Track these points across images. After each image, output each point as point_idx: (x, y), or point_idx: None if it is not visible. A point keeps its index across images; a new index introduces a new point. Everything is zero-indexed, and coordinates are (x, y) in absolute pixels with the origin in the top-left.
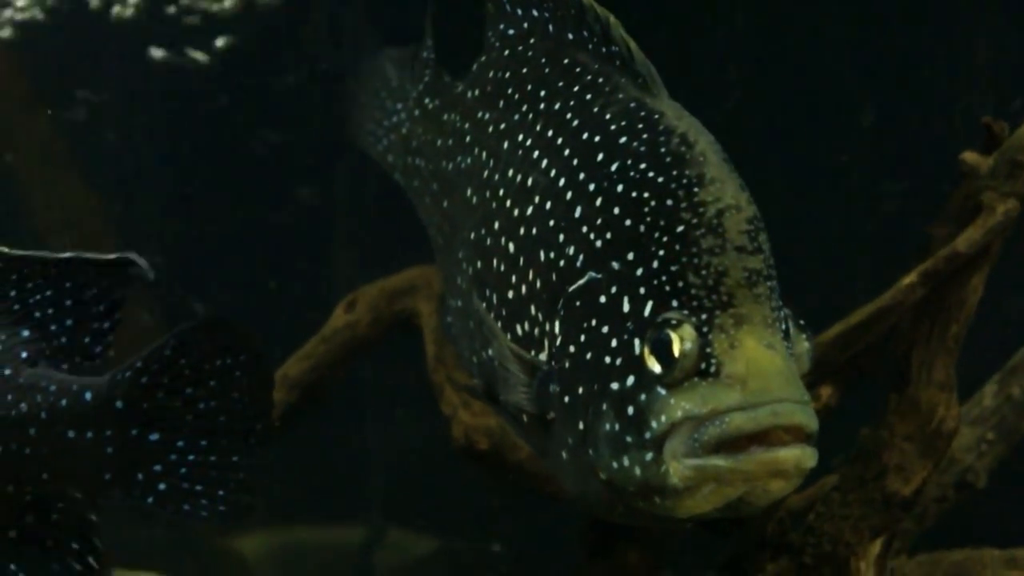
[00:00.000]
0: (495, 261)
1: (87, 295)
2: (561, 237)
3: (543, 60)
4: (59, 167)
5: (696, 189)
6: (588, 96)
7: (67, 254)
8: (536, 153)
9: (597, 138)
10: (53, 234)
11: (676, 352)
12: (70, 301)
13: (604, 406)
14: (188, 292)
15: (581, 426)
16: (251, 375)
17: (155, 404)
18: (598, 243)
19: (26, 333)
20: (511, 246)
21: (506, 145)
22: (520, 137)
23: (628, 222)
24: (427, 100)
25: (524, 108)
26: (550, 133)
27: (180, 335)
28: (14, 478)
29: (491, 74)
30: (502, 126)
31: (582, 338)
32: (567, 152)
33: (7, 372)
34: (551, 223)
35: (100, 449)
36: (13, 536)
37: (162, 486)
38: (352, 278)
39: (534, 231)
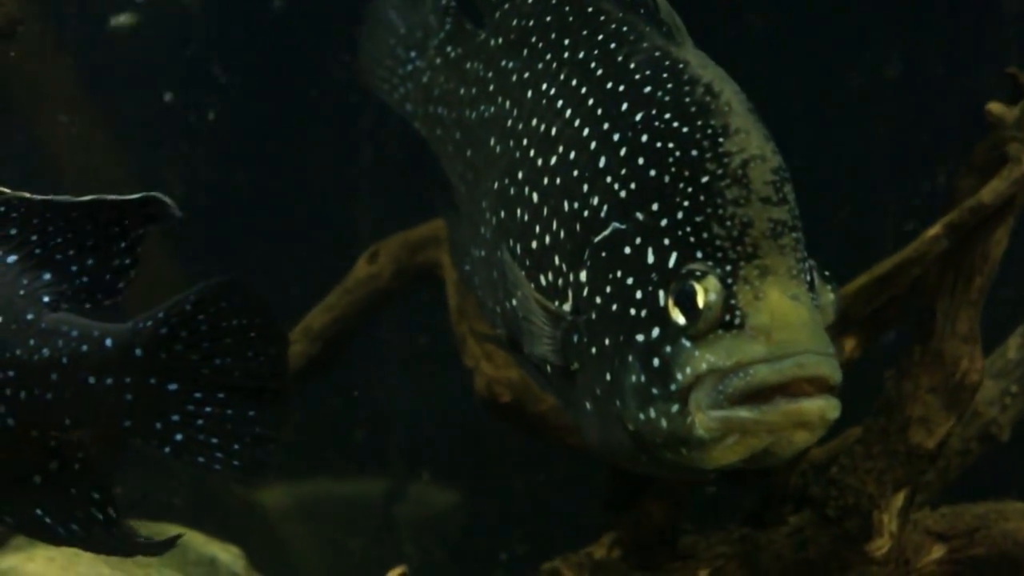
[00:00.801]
0: (519, 211)
1: (109, 235)
2: (585, 187)
3: (567, 8)
4: (81, 114)
5: (721, 139)
6: (612, 45)
7: (88, 197)
8: (560, 102)
9: (621, 87)
10: (75, 181)
11: (700, 304)
12: (91, 242)
13: (629, 357)
14: (210, 241)
15: (607, 377)
16: (265, 336)
17: (173, 355)
18: (622, 193)
19: (48, 277)
20: (535, 196)
21: (530, 94)
22: (544, 86)
23: (652, 172)
24: (449, 48)
25: (548, 57)
26: (574, 82)
27: (200, 291)
28: (38, 423)
29: (515, 22)
30: (526, 75)
31: (607, 289)
32: (591, 101)
33: (30, 317)
34: (575, 173)
35: (119, 396)
36: (38, 482)
37: (179, 436)
38: (375, 229)
39: (558, 181)
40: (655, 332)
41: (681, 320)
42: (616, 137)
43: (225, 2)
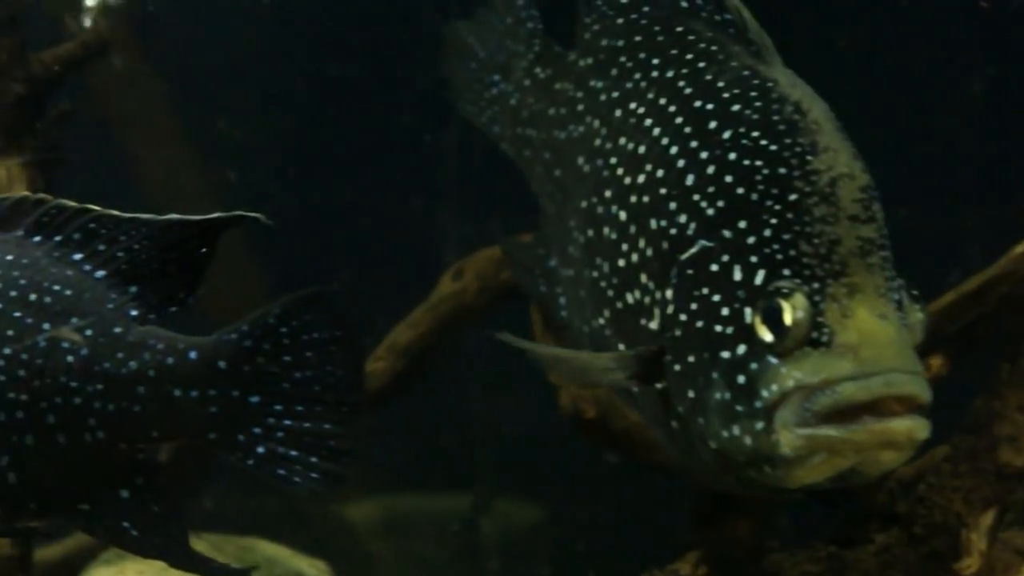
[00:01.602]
0: (606, 229)
1: (189, 251)
2: (673, 205)
3: (656, 28)
4: (167, 134)
5: (809, 157)
6: (701, 64)
7: (170, 216)
8: (648, 121)
9: (710, 106)
10: (159, 198)
11: (787, 321)
12: (174, 259)
13: (715, 375)
14: (295, 260)
15: (691, 394)
16: (345, 350)
17: (255, 368)
18: (710, 211)
19: (133, 291)
20: (622, 214)
21: (618, 113)
22: (632, 105)
23: (740, 190)
24: (538, 70)
25: (637, 76)
26: (663, 101)
27: (284, 305)
28: (126, 436)
29: (604, 42)
30: (614, 94)
31: (693, 306)
32: (679, 120)
33: (118, 330)
34: (663, 191)
35: (204, 408)
36: (125, 495)
37: (261, 449)
38: (460, 246)
39: (645, 199)
40: (741, 349)
41: (768, 337)
42: (704, 155)
43: (310, 20)
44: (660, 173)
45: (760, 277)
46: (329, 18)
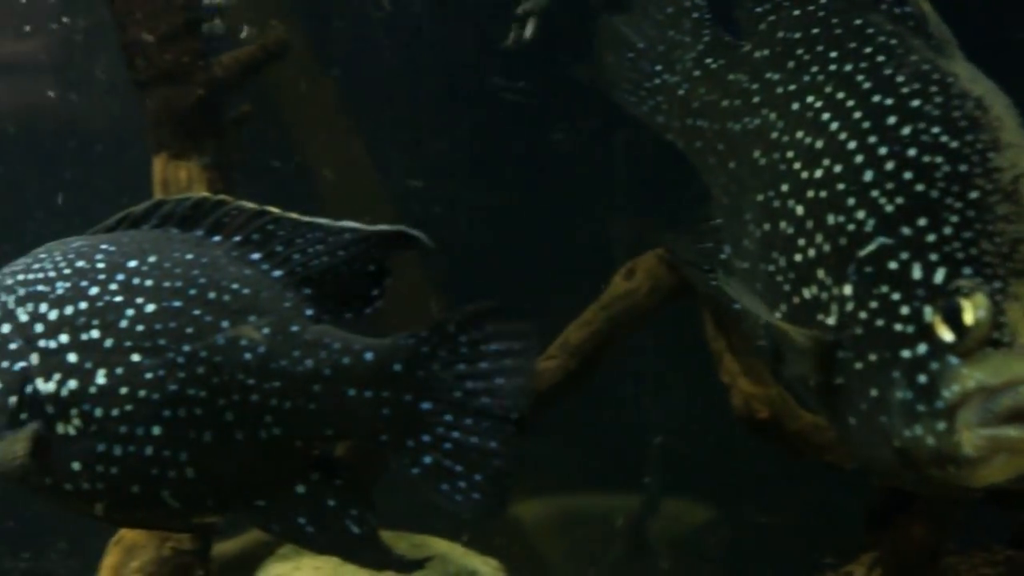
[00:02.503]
0: (783, 223)
1: (363, 257)
2: (851, 201)
3: (834, 21)
4: (342, 135)
5: (991, 154)
6: (880, 58)
7: (345, 223)
8: (826, 115)
9: (889, 101)
10: (333, 201)
11: (968, 321)
12: (347, 263)
13: (895, 374)
14: (467, 257)
15: (872, 393)
16: (519, 364)
17: (429, 375)
18: (889, 208)
19: (308, 292)
20: (799, 209)
21: (795, 107)
22: (810, 98)
23: (920, 187)
24: (709, 60)
25: (814, 69)
26: (840, 95)
27: (463, 315)
28: (302, 433)
29: (780, 34)
30: (791, 87)
31: (872, 304)
32: (858, 115)
33: (294, 329)
34: (840, 186)
35: (377, 410)
36: (301, 491)
37: (427, 459)
38: (632, 245)
39: (823, 194)
40: (921, 349)
41: (948, 337)
42: (883, 151)
43: (480, 21)
44: (838, 168)
45: (940, 276)
46: (498, 19)
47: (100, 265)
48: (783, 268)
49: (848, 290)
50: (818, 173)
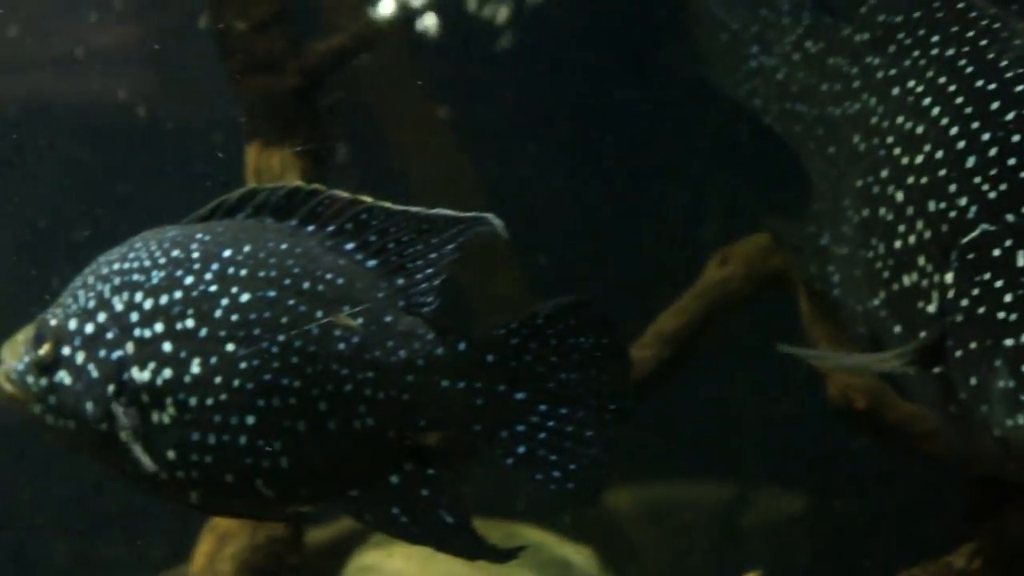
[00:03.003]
0: (883, 210)
1: (447, 249)
2: (952, 187)
3: (936, 4)
4: (432, 127)
5: None
6: (983, 42)
7: (439, 211)
8: (927, 100)
9: (992, 86)
10: (423, 190)
11: None
12: (434, 254)
13: (997, 362)
14: (558, 245)
15: (973, 381)
16: (611, 357)
17: (523, 365)
18: (992, 195)
19: (402, 282)
20: (900, 195)
21: (896, 91)
22: (911, 83)
23: None
24: (808, 44)
25: (916, 53)
26: (942, 80)
27: (553, 307)
28: (395, 424)
29: (882, 18)
30: (892, 71)
31: (974, 292)
32: (960, 100)
33: (388, 319)
34: (942, 173)
35: (471, 400)
36: (395, 482)
37: (522, 449)
38: (725, 233)
39: (924, 180)
40: None
41: None
42: (986, 137)
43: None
44: (939, 154)
45: None
46: (587, 6)
47: (195, 255)
48: (882, 255)
49: (950, 278)
50: (919, 159)
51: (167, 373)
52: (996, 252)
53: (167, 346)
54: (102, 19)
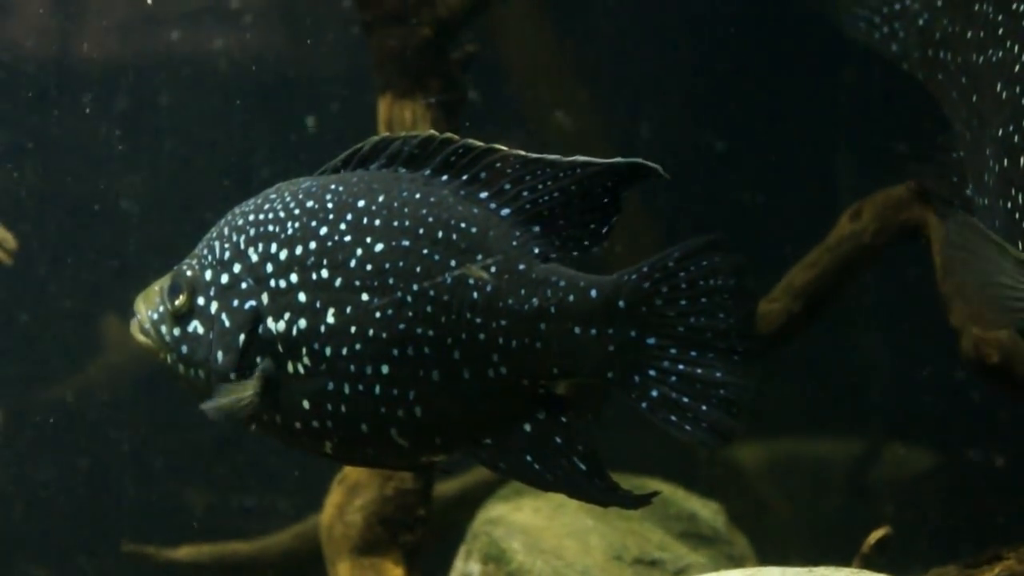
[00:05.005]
0: (1023, 160)
1: (593, 193)
2: None
3: None
4: (568, 80)
5: None
6: None
7: (576, 157)
8: None
9: None
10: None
11: None
12: (576, 199)
13: None
14: (692, 198)
15: None
16: (738, 299)
17: (653, 310)
18: None
19: (537, 229)
20: None
21: None
22: None
23: None
24: None
25: None
26: None
27: (683, 249)
28: (528, 372)
29: None
30: None
31: None
32: None
33: (521, 267)
34: None
35: (603, 347)
36: (528, 430)
37: (654, 392)
38: (858, 186)
39: None
40: None
41: None
42: None
43: None
44: None
45: None
46: None
47: (329, 205)
48: (1021, 206)
49: None
50: None
51: (302, 323)
52: None
53: (302, 296)
54: None
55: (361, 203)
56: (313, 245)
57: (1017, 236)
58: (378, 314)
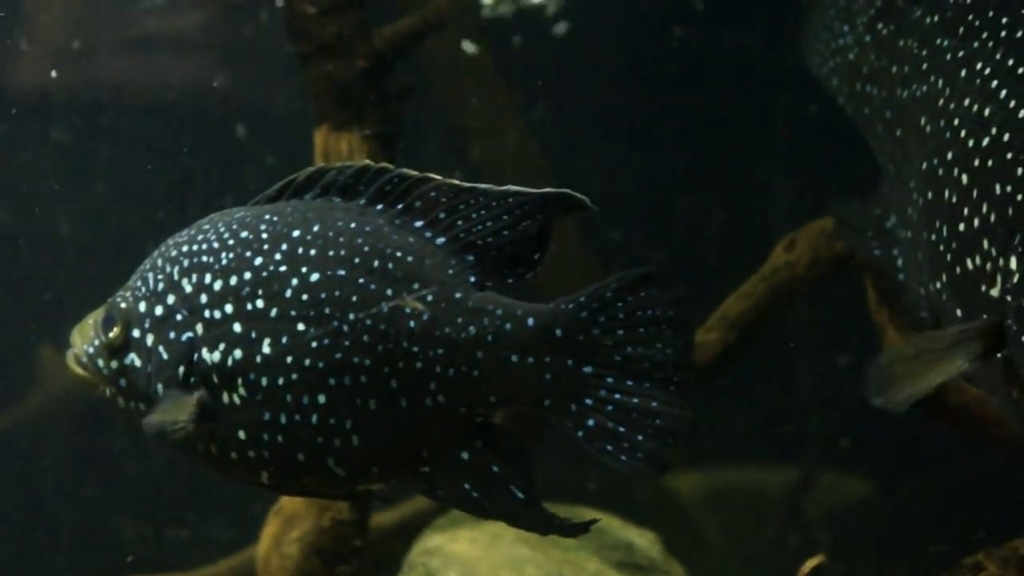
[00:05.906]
0: (947, 192)
1: (524, 222)
2: (1019, 171)
3: None
4: (498, 100)
5: None
6: None
7: (507, 187)
8: (995, 83)
9: None
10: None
11: None
12: (508, 228)
13: None
14: (625, 228)
15: None
16: (676, 330)
17: (590, 339)
18: None
19: (471, 258)
20: (964, 177)
21: (964, 73)
22: (979, 65)
23: None
24: (880, 25)
25: (984, 36)
26: (1011, 62)
27: (620, 280)
28: (465, 400)
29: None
30: (960, 53)
31: None
32: None
33: (458, 296)
34: (1009, 156)
35: (540, 375)
36: (465, 458)
37: (591, 422)
38: (791, 217)
39: (990, 163)
40: None
41: None
42: None
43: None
44: (1006, 137)
45: None
46: None
47: (264, 235)
48: (945, 238)
49: (1014, 263)
50: (985, 142)
51: (237, 354)
52: None
53: (237, 327)
54: (172, 3)
55: (296, 233)
56: (248, 275)
57: (941, 268)
58: (314, 344)
